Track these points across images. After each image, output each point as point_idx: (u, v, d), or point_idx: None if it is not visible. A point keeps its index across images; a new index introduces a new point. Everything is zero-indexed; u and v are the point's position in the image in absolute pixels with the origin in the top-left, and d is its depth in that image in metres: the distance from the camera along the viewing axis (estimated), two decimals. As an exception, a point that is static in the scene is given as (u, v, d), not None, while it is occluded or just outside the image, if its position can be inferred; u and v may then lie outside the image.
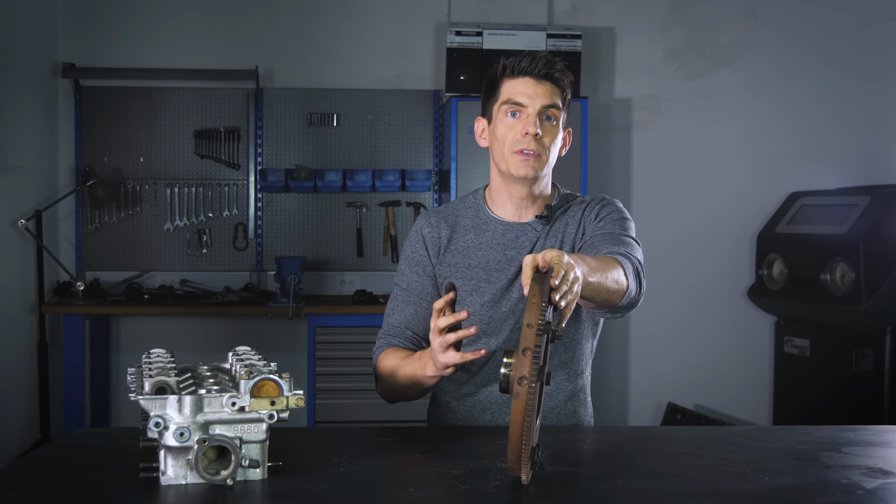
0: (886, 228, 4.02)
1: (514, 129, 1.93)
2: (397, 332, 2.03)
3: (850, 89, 4.91)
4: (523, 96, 1.93)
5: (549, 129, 1.94)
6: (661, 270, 4.82)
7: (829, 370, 4.24)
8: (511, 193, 2.00)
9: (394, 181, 4.64)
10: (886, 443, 1.74)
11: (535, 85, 1.93)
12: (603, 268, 1.67)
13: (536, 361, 1.29)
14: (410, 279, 2.05)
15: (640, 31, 4.86)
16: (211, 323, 4.65)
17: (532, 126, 1.91)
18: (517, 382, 1.29)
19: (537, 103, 1.92)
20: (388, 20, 4.78)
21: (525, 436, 1.29)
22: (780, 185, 4.81)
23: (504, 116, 1.95)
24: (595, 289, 1.63)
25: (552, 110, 1.94)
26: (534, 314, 1.32)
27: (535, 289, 1.35)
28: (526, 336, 1.31)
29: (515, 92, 1.93)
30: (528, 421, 1.29)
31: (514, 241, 1.99)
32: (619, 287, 1.72)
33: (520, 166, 1.93)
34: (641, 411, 4.89)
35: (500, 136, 1.95)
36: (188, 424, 1.38)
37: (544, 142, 1.93)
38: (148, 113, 4.70)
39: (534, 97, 1.92)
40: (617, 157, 4.87)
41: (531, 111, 1.92)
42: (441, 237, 2.05)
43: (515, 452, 1.31)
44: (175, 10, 4.71)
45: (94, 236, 4.67)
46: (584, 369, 2.03)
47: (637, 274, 1.80)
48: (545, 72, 1.93)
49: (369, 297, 4.45)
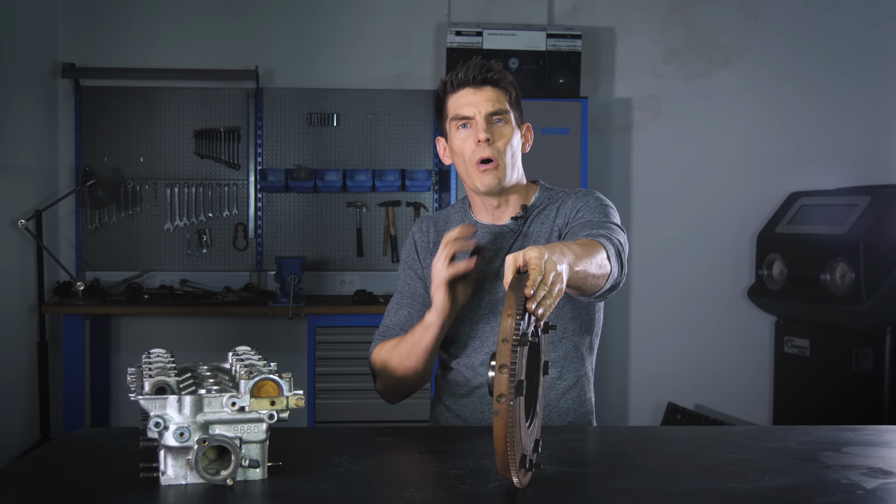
0: (886, 228, 4.02)
1: (469, 141, 1.98)
2: (391, 333, 2.06)
3: (850, 89, 4.91)
4: (467, 107, 1.97)
5: (500, 130, 1.98)
6: (661, 270, 4.83)
7: (829, 370, 4.24)
8: (484, 203, 2.05)
9: (394, 181, 4.64)
10: (886, 443, 1.74)
11: (476, 93, 1.98)
12: (587, 253, 1.67)
13: (513, 378, 1.28)
14: (405, 282, 2.11)
15: (640, 31, 4.86)
16: (211, 323, 4.65)
17: (482, 132, 1.95)
18: (496, 400, 1.28)
19: (482, 109, 1.97)
20: (388, 20, 4.78)
21: (509, 448, 1.29)
22: (780, 185, 4.81)
23: (456, 131, 2.00)
24: (581, 277, 1.62)
25: (499, 114, 1.98)
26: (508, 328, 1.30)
27: (511, 298, 1.33)
28: (501, 352, 1.29)
29: (459, 105, 1.99)
30: (510, 435, 1.29)
31: (492, 243, 2.03)
32: (603, 272, 1.72)
33: (482, 178, 1.98)
34: (641, 411, 4.89)
35: (457, 150, 2.01)
36: (188, 424, 1.38)
37: (498, 146, 1.97)
38: (148, 113, 4.70)
39: (477, 105, 1.97)
40: (617, 157, 4.87)
41: (478, 119, 1.97)
42: (429, 241, 2.11)
43: (504, 464, 1.31)
44: (175, 9, 4.71)
45: (94, 236, 4.67)
46: (579, 365, 2.02)
47: (619, 254, 1.80)
48: (481, 77, 1.98)
49: (369, 297, 4.45)
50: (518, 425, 1.32)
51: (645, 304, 4.85)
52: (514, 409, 1.29)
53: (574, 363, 2.01)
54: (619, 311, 4.85)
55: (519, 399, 1.31)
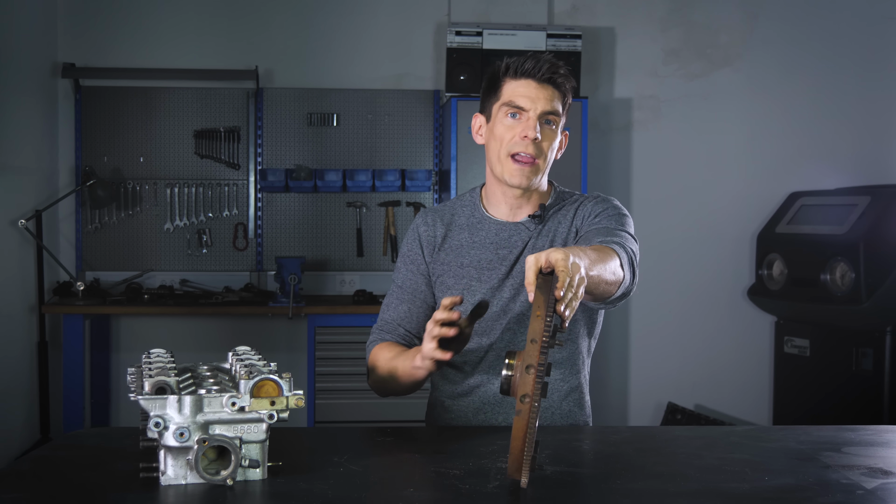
0: (886, 228, 4.02)
1: (513, 131, 1.93)
2: (390, 329, 2.04)
3: (850, 89, 4.91)
4: (525, 99, 1.92)
5: (548, 133, 1.94)
6: (661, 270, 4.83)
7: (829, 370, 4.24)
8: (505, 194, 2.01)
9: (394, 181, 4.64)
10: (886, 443, 1.74)
11: (538, 88, 1.92)
12: (601, 259, 1.66)
13: (540, 379, 1.28)
14: (405, 277, 2.06)
15: (640, 31, 4.86)
16: (211, 323, 4.65)
17: (532, 130, 1.91)
18: (520, 399, 1.28)
19: (539, 107, 1.91)
20: (388, 20, 4.77)
21: (526, 449, 1.29)
22: (780, 185, 4.81)
23: (504, 117, 1.94)
24: (595, 282, 1.62)
25: (552, 115, 1.93)
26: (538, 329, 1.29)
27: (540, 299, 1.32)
28: (530, 353, 1.28)
29: (517, 94, 1.93)
30: (529, 435, 1.28)
31: (506, 240, 2.00)
32: (616, 278, 1.71)
33: (514, 175, 1.94)
34: (641, 411, 4.89)
35: (498, 135, 1.95)
36: (188, 424, 1.38)
37: (542, 146, 1.93)
38: (148, 113, 4.70)
39: (535, 101, 1.91)
40: (617, 157, 4.87)
41: (532, 115, 1.91)
42: (436, 235, 2.06)
43: (517, 463, 1.31)
44: (175, 10, 4.71)
45: (94, 236, 4.67)
46: (580, 368, 2.02)
47: (631, 263, 1.80)
48: (548, 76, 1.92)
49: (369, 297, 4.45)
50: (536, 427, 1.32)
51: (645, 303, 4.85)
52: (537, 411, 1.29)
53: (576, 365, 2.01)
54: (620, 311, 4.85)
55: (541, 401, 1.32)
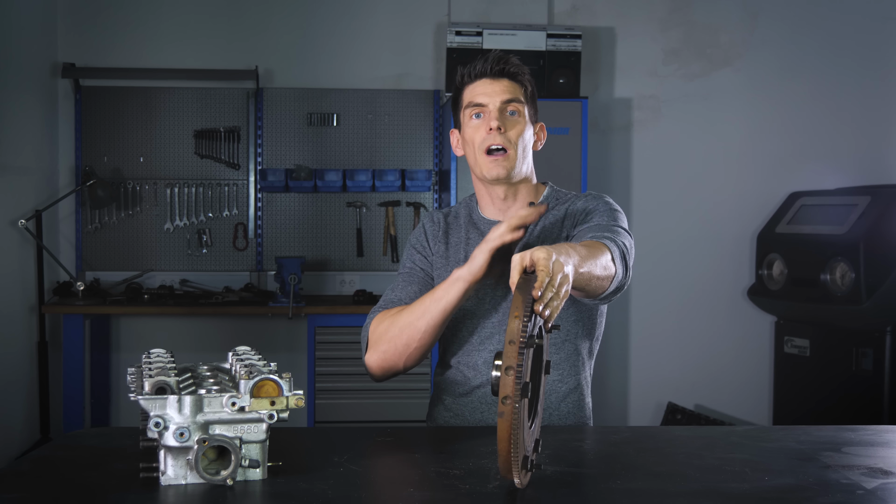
0: (886, 228, 4.02)
1: (480, 129, 1.98)
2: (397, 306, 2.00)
3: (850, 89, 4.91)
4: (482, 96, 1.98)
5: (513, 122, 1.98)
6: (661, 270, 4.83)
7: (829, 370, 4.24)
8: (491, 195, 2.04)
9: (394, 181, 4.64)
10: (886, 443, 1.74)
11: (492, 83, 1.99)
12: (592, 255, 1.66)
13: (519, 380, 1.28)
14: (413, 262, 2.09)
15: (640, 31, 4.86)
16: (211, 323, 4.65)
17: (494, 121, 1.95)
18: (501, 401, 1.28)
19: (496, 99, 1.97)
20: (388, 20, 4.78)
21: (513, 450, 1.29)
22: (780, 185, 4.81)
23: (469, 120, 2.01)
24: (585, 278, 1.62)
25: (513, 104, 1.98)
26: (515, 330, 1.29)
27: (519, 300, 1.32)
28: (508, 354, 1.28)
29: (475, 94, 1.99)
30: (514, 436, 1.28)
31: None
32: (608, 273, 1.71)
33: (491, 168, 1.97)
34: (641, 411, 4.89)
35: (469, 138, 2.01)
36: (188, 424, 1.38)
37: (509, 136, 1.97)
38: (148, 113, 4.70)
39: (492, 94, 1.98)
40: (617, 157, 4.87)
41: (492, 108, 1.97)
42: (439, 229, 2.11)
43: (506, 465, 1.31)
44: (175, 10, 4.71)
45: (94, 236, 4.67)
46: (580, 369, 2.01)
47: (623, 257, 1.79)
48: (499, 68, 1.99)
49: (369, 297, 4.45)
50: (522, 427, 1.32)
51: (645, 303, 4.85)
52: (519, 412, 1.29)
53: (575, 366, 2.01)
54: (620, 311, 4.85)
55: (524, 401, 1.31)
